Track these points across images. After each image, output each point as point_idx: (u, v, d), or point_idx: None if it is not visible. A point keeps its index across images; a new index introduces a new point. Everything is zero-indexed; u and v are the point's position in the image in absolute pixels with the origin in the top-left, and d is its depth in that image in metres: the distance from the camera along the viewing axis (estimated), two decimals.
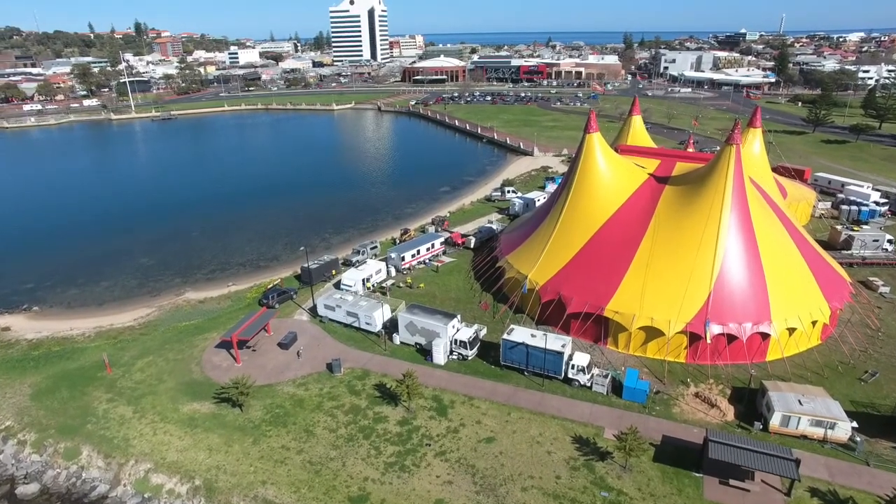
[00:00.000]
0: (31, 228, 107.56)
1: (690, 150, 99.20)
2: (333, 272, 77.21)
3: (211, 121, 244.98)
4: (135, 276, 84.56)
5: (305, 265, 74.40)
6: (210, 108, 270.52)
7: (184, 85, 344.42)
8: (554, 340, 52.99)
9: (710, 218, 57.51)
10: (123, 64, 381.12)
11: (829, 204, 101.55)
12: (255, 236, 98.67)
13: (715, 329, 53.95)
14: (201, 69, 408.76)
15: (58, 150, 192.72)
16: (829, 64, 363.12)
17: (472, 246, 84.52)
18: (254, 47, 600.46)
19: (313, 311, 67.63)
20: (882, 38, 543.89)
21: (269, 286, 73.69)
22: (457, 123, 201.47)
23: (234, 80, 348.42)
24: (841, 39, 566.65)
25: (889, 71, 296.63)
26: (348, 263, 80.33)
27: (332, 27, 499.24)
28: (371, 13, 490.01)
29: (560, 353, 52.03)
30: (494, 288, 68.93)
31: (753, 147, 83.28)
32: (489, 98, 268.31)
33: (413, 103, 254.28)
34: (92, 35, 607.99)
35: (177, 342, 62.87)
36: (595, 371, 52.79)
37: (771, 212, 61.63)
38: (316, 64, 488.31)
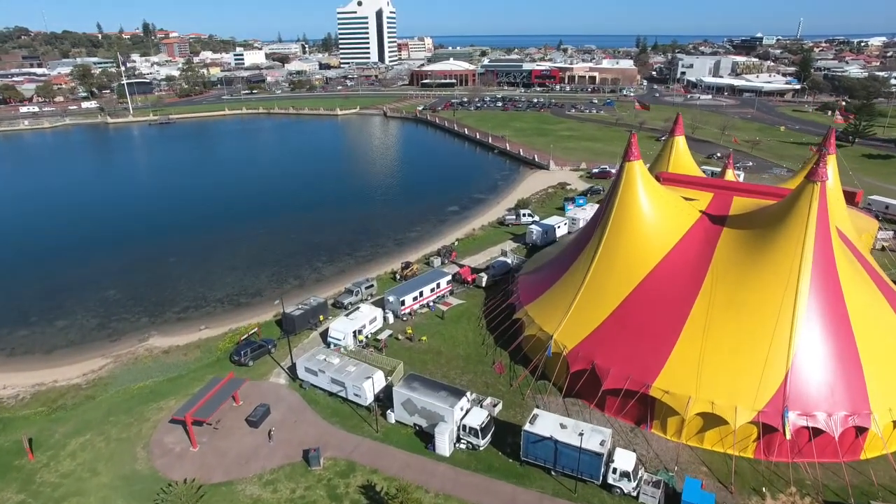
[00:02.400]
0: None
1: (732, 171, 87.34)
2: (321, 318, 65.82)
3: (210, 125, 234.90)
4: (97, 312, 73.66)
5: (286, 312, 63.21)
6: (210, 111, 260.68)
7: (186, 87, 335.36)
8: (590, 436, 41.40)
9: (787, 274, 45.67)
10: (123, 65, 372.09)
11: (890, 233, 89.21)
12: (240, 264, 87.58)
13: (796, 421, 42.23)
14: (204, 71, 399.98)
15: (43, 155, 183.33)
16: (853, 69, 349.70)
17: (483, 285, 73.03)
18: (261, 48, 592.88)
19: (293, 370, 56.32)
20: None
21: (243, 336, 62.41)
22: (466, 132, 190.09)
23: (236, 82, 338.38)
24: (862, 44, 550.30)
25: None
26: (339, 306, 69.07)
27: (340, 29, 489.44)
28: (379, 14, 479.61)
29: (598, 455, 40.45)
30: (512, 347, 57.30)
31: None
32: (500, 104, 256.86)
33: (421, 109, 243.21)
34: (100, 35, 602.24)
35: (125, 412, 51.70)
36: (643, 475, 41.14)
37: (860, 267, 49.73)
38: (323, 66, 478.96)
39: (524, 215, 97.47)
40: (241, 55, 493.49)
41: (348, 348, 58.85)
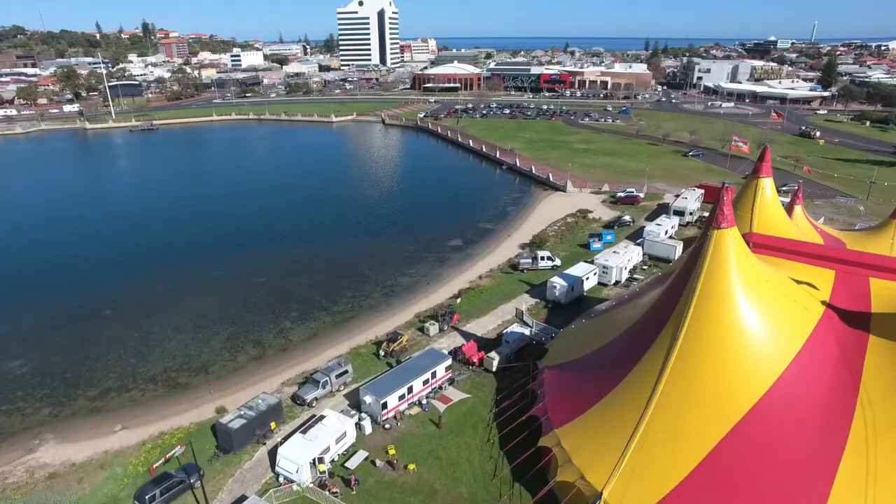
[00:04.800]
0: None
1: (801, 209, 69.11)
2: (273, 425, 48.16)
3: (195, 133, 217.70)
4: None
5: (222, 423, 45.66)
6: (197, 117, 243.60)
7: (177, 89, 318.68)
8: None
9: None
10: (107, 65, 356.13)
11: None
12: (190, 321, 70.01)
13: None
14: (197, 72, 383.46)
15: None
16: (877, 75, 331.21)
17: (493, 368, 55.32)
18: (261, 49, 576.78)
19: None
20: None
21: (159, 461, 44.72)
22: (471, 143, 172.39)
23: (230, 84, 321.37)
24: (882, 48, 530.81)
25: None
26: (300, 402, 51.45)
27: (340, 29, 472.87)
28: (381, 15, 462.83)
29: None
30: (539, 496, 39.46)
31: None
32: (508, 111, 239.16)
33: (422, 116, 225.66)
34: (98, 35, 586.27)
35: None
36: None
37: None
38: (323, 68, 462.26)
39: (542, 259, 79.65)
40: (238, 56, 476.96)
41: (303, 486, 41.21)
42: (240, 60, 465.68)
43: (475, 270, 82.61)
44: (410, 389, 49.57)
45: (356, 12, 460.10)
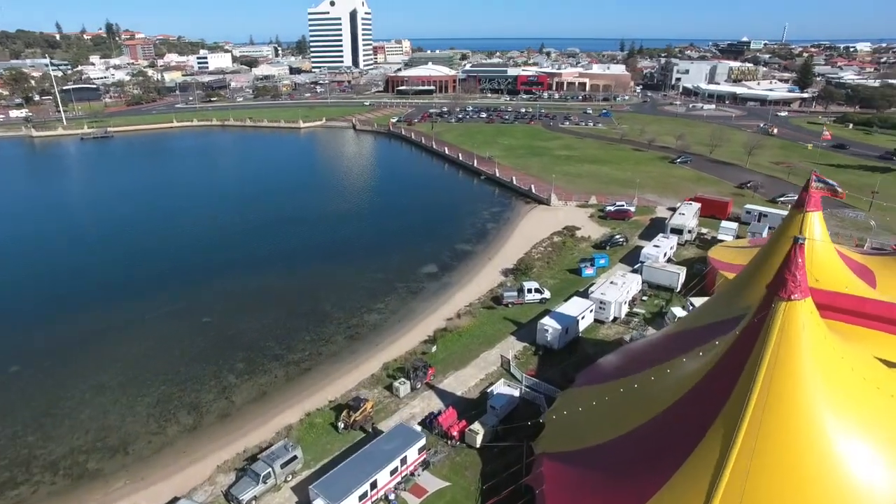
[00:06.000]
0: None
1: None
2: None
3: (152, 141, 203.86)
4: None
5: None
6: (156, 123, 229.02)
7: (137, 93, 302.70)
8: None
9: None
10: (57, 67, 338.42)
11: None
12: (113, 378, 58.56)
13: None
14: (160, 75, 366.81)
15: None
16: (849, 76, 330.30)
17: (477, 444, 45.22)
18: (230, 51, 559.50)
19: None
20: None
21: None
22: (447, 151, 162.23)
23: (193, 88, 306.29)
24: (851, 49, 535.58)
25: None
26: (234, 501, 40.66)
27: (311, 31, 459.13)
28: (353, 15, 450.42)
29: None
30: None
31: None
32: (484, 115, 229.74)
33: (395, 121, 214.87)
34: (58, 35, 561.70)
35: None
36: None
37: None
38: (294, 70, 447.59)
39: (529, 291, 69.82)
40: (206, 58, 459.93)
41: None
42: (207, 63, 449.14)
43: (453, 305, 72.37)
44: (374, 484, 39.22)
45: (328, 13, 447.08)
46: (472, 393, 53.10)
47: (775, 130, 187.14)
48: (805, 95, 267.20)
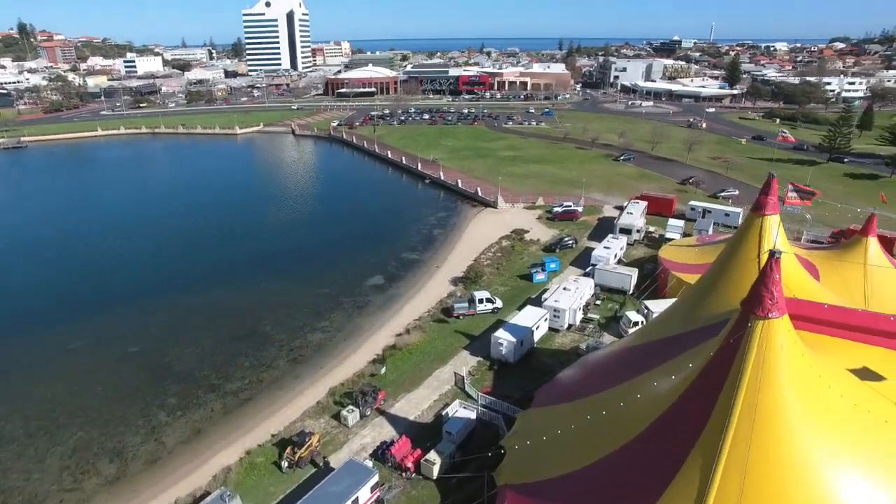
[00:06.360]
0: None
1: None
2: None
3: (74, 151, 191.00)
4: None
5: None
6: (79, 132, 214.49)
7: (56, 100, 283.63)
8: None
9: None
10: None
11: None
12: (20, 427, 52.05)
13: None
14: (83, 80, 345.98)
15: None
16: (770, 73, 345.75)
17: (434, 476, 42.06)
18: (161, 54, 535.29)
19: None
20: (812, 49, 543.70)
21: None
22: (390, 155, 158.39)
23: (119, 93, 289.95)
24: (772, 49, 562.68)
25: (849, 83, 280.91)
26: None
27: (246, 32, 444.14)
28: (290, 16, 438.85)
29: None
30: None
31: None
32: (427, 116, 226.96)
33: (336, 125, 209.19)
34: None
35: None
36: None
37: None
38: (229, 74, 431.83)
39: (480, 301, 67.21)
40: (133, 62, 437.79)
41: None
42: (135, 66, 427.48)
43: (401, 319, 68.94)
44: None
45: (263, 14, 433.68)
46: (426, 416, 49.89)
47: (704, 125, 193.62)
48: (735, 92, 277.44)
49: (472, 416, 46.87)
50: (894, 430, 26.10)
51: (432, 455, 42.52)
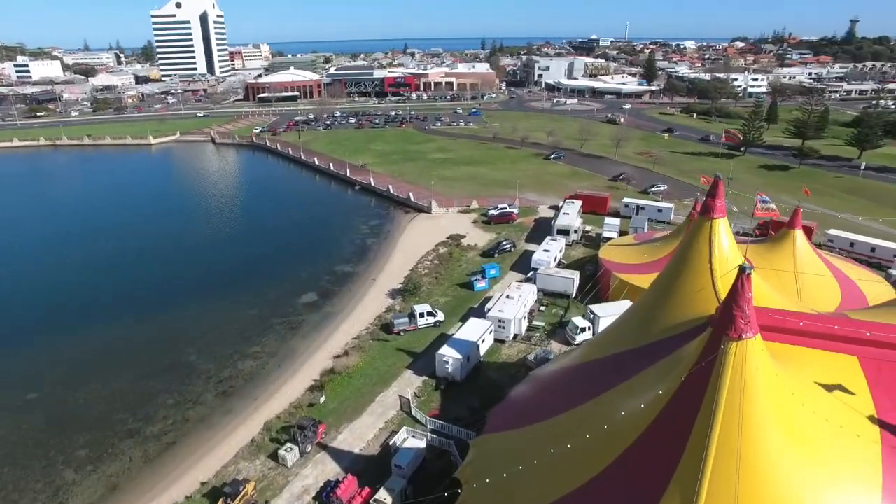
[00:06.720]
0: None
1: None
2: None
3: None
4: None
5: None
6: None
7: None
8: None
9: None
10: None
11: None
12: None
13: None
14: None
15: None
16: (682, 70, 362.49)
17: None
18: (61, 58, 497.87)
19: None
20: (717, 47, 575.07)
21: None
22: (317, 161, 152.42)
23: (12, 101, 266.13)
24: (682, 47, 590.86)
25: (753, 79, 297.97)
26: None
27: (157, 35, 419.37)
28: (204, 18, 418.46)
29: None
30: None
31: None
32: (353, 120, 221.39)
33: (258, 131, 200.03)
34: None
35: None
36: None
37: None
38: (140, 79, 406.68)
39: (421, 315, 64.18)
40: (27, 66, 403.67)
41: None
42: (29, 71, 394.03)
43: (338, 338, 64.86)
44: None
45: (174, 15, 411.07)
46: (373, 448, 46.35)
47: (622, 119, 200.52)
48: (653, 88, 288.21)
49: (422, 444, 43.78)
50: (865, 444, 25.21)
51: (382, 493, 39.13)
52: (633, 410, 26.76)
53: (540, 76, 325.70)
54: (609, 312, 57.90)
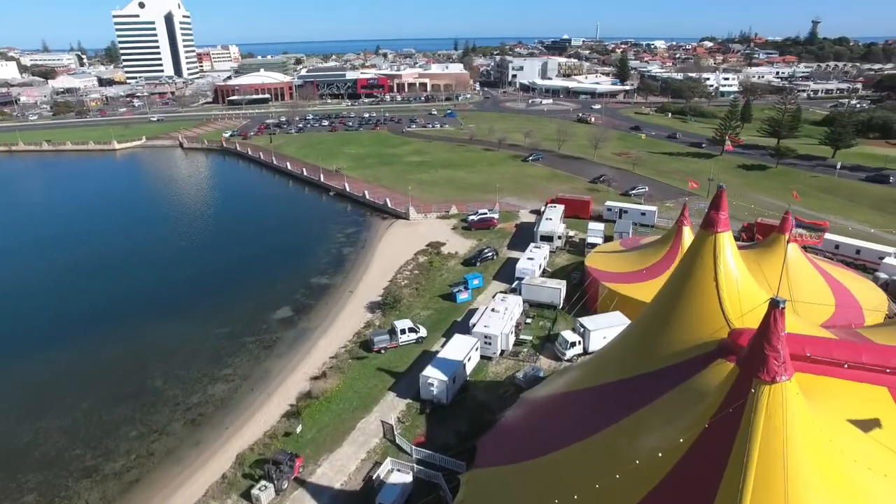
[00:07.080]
0: None
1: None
2: None
3: None
4: None
5: None
6: None
7: None
8: None
9: None
10: None
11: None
12: None
13: None
14: None
15: None
16: (654, 69, 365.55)
17: None
18: (18, 59, 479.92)
19: None
20: (686, 47, 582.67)
21: None
22: (289, 166, 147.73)
23: None
24: (652, 46, 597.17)
25: (725, 79, 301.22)
26: None
27: (120, 36, 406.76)
28: (169, 19, 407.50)
29: None
30: None
31: None
32: (327, 122, 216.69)
33: (228, 135, 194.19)
34: None
35: None
36: None
37: None
38: (104, 82, 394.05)
39: (403, 332, 60.94)
40: None
41: None
42: None
43: (315, 357, 61.24)
44: None
45: (137, 16, 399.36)
46: (355, 482, 42.99)
47: (593, 119, 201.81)
48: (627, 88, 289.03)
49: (408, 478, 40.65)
50: (893, 485, 22.89)
51: None
52: (645, 454, 24.04)
53: (514, 76, 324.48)
54: (600, 325, 55.55)
